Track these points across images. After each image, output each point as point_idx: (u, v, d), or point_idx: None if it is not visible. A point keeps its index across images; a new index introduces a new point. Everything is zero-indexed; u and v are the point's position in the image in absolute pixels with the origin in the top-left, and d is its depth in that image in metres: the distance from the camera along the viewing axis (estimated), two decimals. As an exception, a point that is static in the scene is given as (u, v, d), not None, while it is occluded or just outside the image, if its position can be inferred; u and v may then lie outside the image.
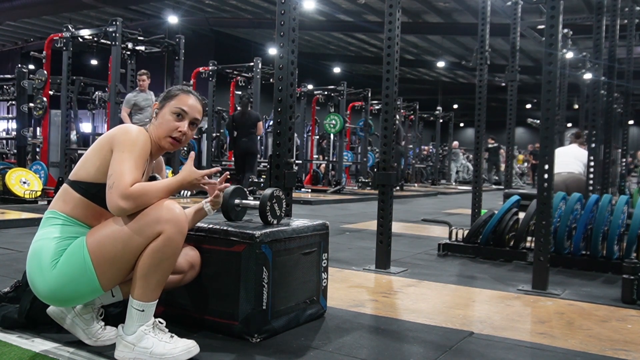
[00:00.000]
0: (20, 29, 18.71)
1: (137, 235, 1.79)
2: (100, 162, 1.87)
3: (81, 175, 1.89)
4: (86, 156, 1.93)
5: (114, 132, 1.91)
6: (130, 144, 1.85)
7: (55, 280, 1.79)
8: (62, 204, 1.89)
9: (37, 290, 1.85)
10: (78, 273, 1.79)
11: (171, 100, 2.03)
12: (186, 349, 1.85)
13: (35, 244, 1.86)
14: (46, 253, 1.81)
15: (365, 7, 14.91)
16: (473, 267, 3.82)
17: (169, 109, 2.02)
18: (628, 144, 8.25)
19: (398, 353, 2.02)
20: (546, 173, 3.10)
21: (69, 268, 1.79)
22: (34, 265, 1.84)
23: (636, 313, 2.72)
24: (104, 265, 1.80)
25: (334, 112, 11.95)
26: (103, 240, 1.81)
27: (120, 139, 1.86)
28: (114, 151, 1.85)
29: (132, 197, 1.76)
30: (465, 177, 18.95)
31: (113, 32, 7.04)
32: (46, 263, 1.80)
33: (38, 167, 7.89)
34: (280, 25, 2.98)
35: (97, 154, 1.89)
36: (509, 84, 5.85)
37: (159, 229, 1.79)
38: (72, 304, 1.91)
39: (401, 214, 7.32)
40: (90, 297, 1.87)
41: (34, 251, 1.85)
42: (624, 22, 6.77)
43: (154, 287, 1.83)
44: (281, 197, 2.28)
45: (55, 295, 1.82)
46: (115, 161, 1.82)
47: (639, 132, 29.13)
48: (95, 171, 1.87)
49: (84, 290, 1.82)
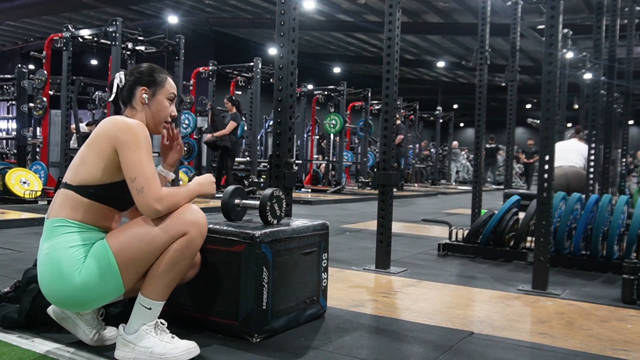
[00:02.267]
0: (20, 29, 18.70)
1: (163, 234, 1.82)
2: (105, 163, 1.84)
3: (85, 179, 1.85)
4: (83, 157, 1.87)
5: (112, 130, 1.85)
6: (138, 141, 1.83)
7: (80, 288, 1.77)
8: (70, 211, 1.84)
9: (59, 299, 1.83)
10: (104, 276, 1.79)
11: (163, 86, 2.03)
12: (187, 349, 1.85)
13: (51, 255, 1.80)
14: (66, 263, 1.78)
15: (365, 7, 14.91)
16: (473, 267, 3.82)
17: (164, 96, 2.02)
18: (628, 144, 8.25)
19: (398, 353, 2.02)
20: (546, 173, 3.10)
21: (94, 273, 1.78)
22: (53, 277, 1.79)
23: (636, 313, 2.72)
24: (128, 265, 1.80)
25: (334, 112, 11.95)
26: (127, 241, 1.81)
27: (124, 138, 1.82)
28: (123, 150, 1.82)
29: (165, 201, 1.83)
30: (465, 177, 18.95)
31: (113, 32, 7.03)
32: (69, 273, 1.77)
33: (38, 167, 7.89)
34: (280, 25, 2.98)
35: (98, 155, 1.85)
36: (509, 84, 5.85)
37: (184, 230, 1.84)
38: (94, 307, 1.90)
39: (401, 214, 7.32)
40: (112, 297, 1.86)
41: (50, 262, 1.80)
42: (624, 22, 6.77)
43: (166, 286, 1.85)
44: (281, 197, 2.28)
45: (80, 300, 1.81)
46: (132, 162, 1.81)
47: (639, 132, 29.12)
48: (101, 173, 1.85)
49: (108, 291, 1.81)
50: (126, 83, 2.01)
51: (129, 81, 2.01)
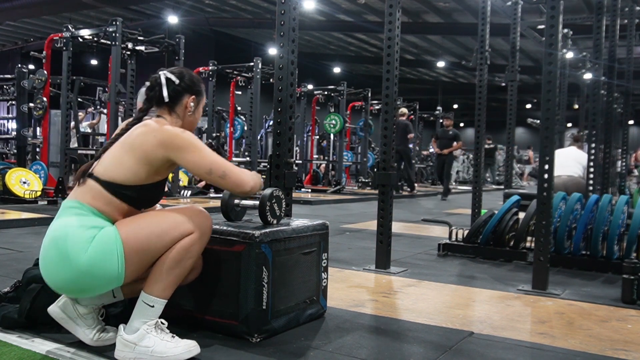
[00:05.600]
0: (20, 29, 18.70)
1: (173, 229, 1.86)
2: (147, 169, 1.89)
3: (117, 179, 1.88)
4: (119, 158, 1.90)
5: (161, 138, 1.88)
6: (193, 142, 1.93)
7: (84, 269, 1.77)
8: (90, 199, 1.87)
9: (56, 279, 1.82)
10: (108, 261, 1.78)
11: (203, 97, 2.14)
12: (187, 348, 1.85)
13: (58, 232, 1.82)
14: (73, 240, 1.78)
15: (365, 7, 14.91)
16: (473, 267, 3.82)
17: (201, 106, 2.13)
18: (628, 144, 8.25)
19: (398, 353, 2.02)
20: (546, 173, 3.10)
21: (99, 256, 1.78)
22: (55, 254, 1.80)
23: (636, 313, 2.72)
24: (133, 254, 1.81)
25: (334, 112, 11.95)
26: (138, 231, 1.83)
27: (179, 144, 1.89)
28: (182, 155, 1.89)
29: (246, 174, 2.00)
30: (465, 177, 18.95)
31: (113, 32, 7.03)
32: (74, 250, 1.78)
33: (38, 167, 7.89)
34: (280, 25, 2.98)
35: (142, 161, 1.88)
36: (509, 84, 5.85)
37: (193, 228, 1.88)
38: (88, 294, 1.89)
39: (401, 214, 7.31)
40: (109, 287, 1.86)
41: (56, 239, 1.81)
42: (624, 22, 6.77)
43: (169, 284, 1.86)
44: (281, 197, 2.28)
45: (76, 283, 1.80)
46: (199, 160, 1.91)
47: (639, 132, 29.12)
48: (138, 177, 1.89)
49: (107, 279, 1.80)
50: (175, 87, 2.03)
51: (181, 86, 2.04)
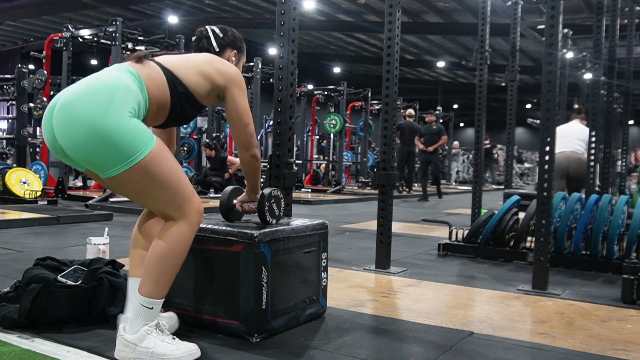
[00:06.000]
0: (20, 29, 18.70)
1: (177, 195, 1.83)
2: (205, 82, 1.96)
3: (182, 75, 1.92)
4: (189, 62, 1.97)
5: (227, 69, 2.00)
6: (244, 87, 2.04)
7: (115, 125, 1.71)
8: (148, 78, 1.86)
9: (81, 121, 1.71)
10: (130, 144, 1.73)
11: (243, 55, 2.22)
12: (187, 351, 1.84)
13: (113, 80, 1.78)
14: (121, 100, 1.74)
15: (365, 7, 14.90)
16: (473, 267, 3.82)
17: (241, 64, 2.21)
18: (628, 144, 8.24)
19: (398, 353, 2.02)
20: (546, 173, 3.10)
21: (130, 132, 1.73)
22: (102, 95, 1.73)
23: (636, 313, 2.72)
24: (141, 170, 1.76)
25: (334, 112, 11.95)
26: (163, 161, 1.80)
27: (238, 81, 2.01)
28: (235, 91, 1.99)
29: (255, 141, 2.08)
30: (465, 177, 18.95)
31: (113, 32, 7.04)
32: (118, 108, 1.73)
33: (38, 167, 7.89)
34: (280, 25, 2.98)
35: (203, 75, 1.95)
36: (509, 84, 5.84)
37: (188, 211, 1.85)
38: (96, 161, 1.76)
39: (401, 214, 7.31)
40: (117, 164, 1.74)
41: (108, 85, 1.76)
42: (624, 22, 6.76)
43: (164, 282, 1.84)
44: (279, 196, 2.27)
45: (100, 137, 1.71)
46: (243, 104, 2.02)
47: (639, 132, 29.12)
48: (193, 82, 1.94)
49: (120, 154, 1.73)
50: (220, 40, 2.13)
51: (225, 40, 2.14)
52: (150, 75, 1.87)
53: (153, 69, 1.90)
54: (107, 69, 1.92)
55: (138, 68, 1.88)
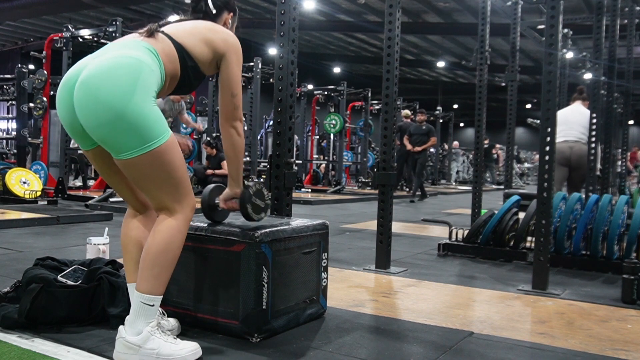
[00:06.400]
0: (20, 29, 18.69)
1: (176, 186, 1.84)
2: (208, 50, 1.98)
3: (190, 48, 1.94)
4: (193, 31, 1.98)
5: (228, 35, 2.04)
6: (241, 60, 2.05)
7: (138, 106, 1.73)
8: (163, 54, 1.88)
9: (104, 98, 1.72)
10: (148, 131, 1.75)
11: (237, 17, 2.23)
12: (192, 350, 1.84)
13: (133, 60, 1.78)
14: (145, 83, 1.76)
15: (365, 7, 14.90)
16: (473, 267, 3.82)
17: (235, 26, 2.22)
18: (628, 144, 8.24)
19: (398, 353, 2.02)
20: (546, 173, 3.10)
21: (150, 116, 1.76)
22: (124, 74, 1.74)
23: (636, 313, 2.72)
24: (154, 158, 1.77)
25: (334, 112, 11.95)
26: (175, 153, 1.82)
27: (236, 48, 2.03)
28: (233, 59, 2.01)
29: (241, 115, 2.08)
30: (465, 177, 18.95)
31: (113, 32, 7.03)
32: (143, 90, 1.75)
33: (38, 167, 7.89)
34: (280, 25, 2.98)
35: (207, 44, 1.97)
36: (509, 84, 5.84)
37: (184, 207, 1.86)
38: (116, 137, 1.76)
39: (401, 214, 7.32)
40: (130, 147, 1.75)
41: (134, 67, 1.77)
42: (624, 22, 6.76)
43: (164, 278, 1.82)
44: (260, 188, 2.18)
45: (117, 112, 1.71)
46: (237, 73, 2.03)
47: (639, 132, 29.12)
48: (199, 52, 1.96)
49: (138, 138, 1.75)
50: (216, 1, 2.14)
51: (221, 1, 2.15)
52: (164, 51, 1.90)
53: (165, 44, 1.92)
54: (123, 41, 1.90)
55: (153, 43, 1.89)
